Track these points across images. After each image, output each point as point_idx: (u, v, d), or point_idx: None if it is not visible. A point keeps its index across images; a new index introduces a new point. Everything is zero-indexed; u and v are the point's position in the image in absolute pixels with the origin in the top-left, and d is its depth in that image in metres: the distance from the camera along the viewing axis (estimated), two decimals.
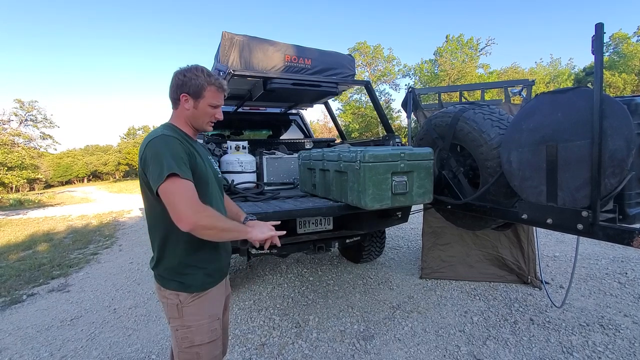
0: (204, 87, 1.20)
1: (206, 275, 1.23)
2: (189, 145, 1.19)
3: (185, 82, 1.19)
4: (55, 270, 4.37)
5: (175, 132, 1.19)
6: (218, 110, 1.27)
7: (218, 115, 1.27)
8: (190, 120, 1.25)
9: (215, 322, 1.24)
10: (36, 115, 21.71)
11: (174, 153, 1.09)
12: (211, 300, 1.24)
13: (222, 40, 2.73)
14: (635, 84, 23.19)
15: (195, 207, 1.06)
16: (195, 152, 1.21)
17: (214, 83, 1.21)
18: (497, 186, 1.98)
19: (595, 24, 1.43)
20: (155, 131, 1.18)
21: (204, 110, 1.23)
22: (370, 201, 1.89)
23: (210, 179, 1.25)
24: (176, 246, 1.18)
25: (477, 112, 2.12)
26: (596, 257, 3.70)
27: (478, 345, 2.23)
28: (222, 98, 1.27)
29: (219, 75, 1.27)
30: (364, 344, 2.30)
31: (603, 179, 1.43)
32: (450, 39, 25.34)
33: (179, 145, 1.12)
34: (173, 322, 1.22)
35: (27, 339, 2.61)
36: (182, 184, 1.06)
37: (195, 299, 1.20)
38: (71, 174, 54.25)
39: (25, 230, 7.72)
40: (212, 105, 1.23)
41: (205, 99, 1.21)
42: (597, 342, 2.19)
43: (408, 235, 5.15)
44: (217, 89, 1.23)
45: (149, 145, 1.11)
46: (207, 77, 1.20)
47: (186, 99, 1.21)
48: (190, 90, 1.20)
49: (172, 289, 1.20)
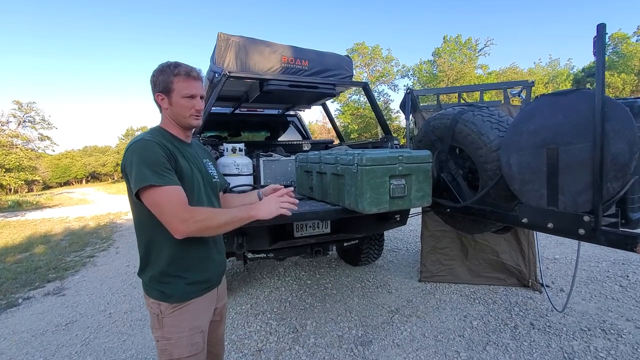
0: (171, 79, 1.15)
1: (188, 285, 1.16)
2: (174, 148, 1.14)
3: (155, 82, 1.17)
4: (52, 273, 4.34)
5: (159, 135, 1.15)
6: (195, 100, 1.19)
7: (197, 106, 1.19)
8: (173, 119, 1.20)
9: (196, 335, 1.17)
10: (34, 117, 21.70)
11: (153, 158, 1.04)
12: (194, 312, 1.18)
13: (218, 41, 2.70)
14: (634, 84, 23.21)
15: (182, 215, 1.02)
16: (180, 156, 1.15)
17: (179, 72, 1.15)
18: (496, 189, 1.94)
19: (597, 25, 1.39)
20: (137, 136, 1.13)
21: (178, 103, 1.17)
22: (368, 205, 1.86)
23: (196, 185, 1.19)
24: (159, 254, 1.13)
25: (476, 114, 2.09)
26: (597, 260, 3.67)
27: (478, 351, 2.19)
28: (196, 86, 1.18)
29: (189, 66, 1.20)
30: (362, 350, 2.27)
31: (605, 183, 1.40)
32: (448, 40, 25.34)
33: (158, 149, 1.07)
34: (154, 333, 1.17)
35: (22, 344, 2.58)
36: (164, 193, 1.02)
37: (175, 309, 1.14)
38: (69, 175, 54.23)
39: (22, 232, 7.68)
40: (186, 96, 1.16)
41: (175, 91, 1.16)
42: (599, 348, 2.15)
43: (407, 238, 5.12)
44: (185, 77, 1.16)
45: (128, 150, 1.07)
46: (172, 69, 1.15)
47: (162, 98, 1.17)
48: (161, 87, 1.16)
49: (154, 297, 1.15)
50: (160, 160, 1.05)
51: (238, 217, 1.14)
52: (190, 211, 1.05)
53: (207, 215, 1.08)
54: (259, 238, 2.33)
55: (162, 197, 1.02)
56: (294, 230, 2.50)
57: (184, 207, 1.04)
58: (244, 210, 1.16)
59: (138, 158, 1.04)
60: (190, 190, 1.14)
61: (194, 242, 1.15)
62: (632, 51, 23.35)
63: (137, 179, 1.01)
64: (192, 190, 1.16)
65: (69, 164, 54.55)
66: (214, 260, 1.26)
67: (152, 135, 1.13)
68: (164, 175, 1.04)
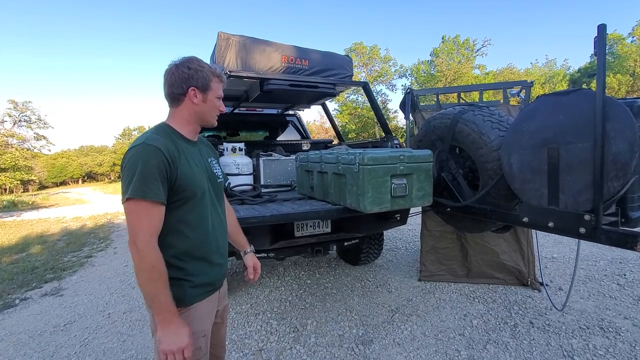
0: (211, 78, 1.14)
1: (192, 288, 1.12)
2: (177, 151, 1.09)
3: (191, 74, 1.11)
4: (49, 273, 4.30)
5: (164, 136, 1.09)
6: (222, 102, 1.21)
7: (222, 108, 1.21)
8: (198, 116, 1.17)
9: (200, 339, 1.14)
10: (30, 116, 21.60)
11: (155, 169, 0.99)
12: (197, 315, 1.14)
13: (218, 40, 2.70)
14: (629, 84, 23.38)
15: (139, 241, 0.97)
16: (184, 159, 1.09)
17: (217, 74, 1.17)
18: (497, 189, 1.96)
19: (597, 25, 1.41)
20: (141, 137, 1.08)
21: (212, 103, 1.16)
22: (370, 204, 1.86)
23: (200, 190, 1.13)
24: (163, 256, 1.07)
25: (477, 114, 2.10)
26: (594, 259, 3.70)
27: (478, 350, 2.20)
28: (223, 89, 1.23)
29: None
30: (362, 349, 2.27)
31: (606, 182, 1.41)
32: (447, 40, 25.42)
33: (155, 158, 1.00)
34: (155, 336, 1.10)
35: (19, 345, 2.56)
36: (145, 209, 0.98)
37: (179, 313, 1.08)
38: (66, 175, 53.85)
39: (18, 232, 7.62)
40: (219, 97, 1.19)
41: (212, 91, 1.15)
42: (597, 346, 2.17)
43: (406, 237, 5.13)
44: (220, 80, 1.18)
45: (127, 153, 1.03)
46: (210, 69, 1.15)
47: (194, 93, 1.12)
48: (199, 83, 1.12)
49: None
50: (153, 170, 0.99)
51: (157, 304, 0.99)
52: (147, 245, 0.98)
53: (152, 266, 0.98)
54: (260, 237, 2.33)
55: (135, 211, 0.98)
56: (295, 230, 2.50)
57: (145, 235, 0.98)
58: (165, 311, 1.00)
59: (135, 166, 0.99)
60: (191, 195, 1.10)
61: (198, 244, 1.13)
62: (627, 52, 23.49)
63: (124, 189, 0.99)
64: (193, 195, 1.11)
65: (65, 163, 54.16)
66: (218, 264, 1.23)
67: (156, 137, 1.06)
68: (152, 189, 0.98)
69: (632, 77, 23.50)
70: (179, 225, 1.09)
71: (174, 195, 1.06)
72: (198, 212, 1.13)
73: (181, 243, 1.09)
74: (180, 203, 1.08)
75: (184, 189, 1.08)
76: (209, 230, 1.17)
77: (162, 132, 1.12)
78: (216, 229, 1.22)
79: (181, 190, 1.07)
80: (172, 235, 1.07)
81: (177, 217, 1.08)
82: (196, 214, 1.12)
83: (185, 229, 1.10)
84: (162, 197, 1.01)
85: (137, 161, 0.99)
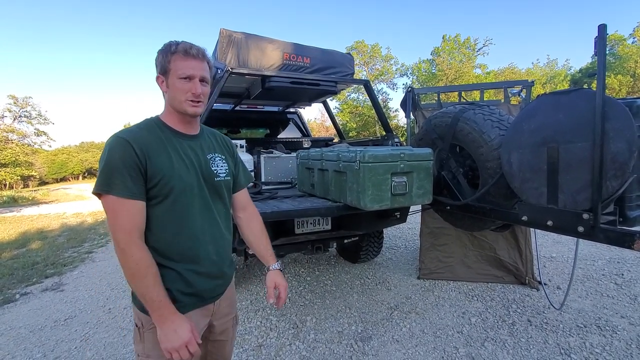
0: (168, 59, 1.00)
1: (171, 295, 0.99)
2: (158, 143, 1.00)
3: (157, 61, 1.03)
4: (49, 269, 4.32)
5: (144, 129, 1.01)
6: (193, 83, 1.01)
7: (194, 90, 1.01)
8: (170, 104, 1.05)
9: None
10: (30, 112, 21.58)
11: (114, 164, 0.92)
12: None
13: (220, 37, 2.70)
14: (630, 85, 23.36)
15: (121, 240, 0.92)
16: (163, 153, 0.99)
17: (177, 50, 1.00)
18: (497, 187, 1.97)
19: (598, 25, 1.41)
20: (119, 130, 1.03)
21: (173, 85, 1.01)
22: (370, 202, 1.87)
23: (179, 185, 1.00)
24: None
25: (478, 113, 2.11)
26: (593, 258, 3.72)
27: (476, 347, 2.22)
28: (195, 66, 1.01)
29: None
30: (361, 345, 2.29)
31: (604, 182, 1.42)
32: (447, 39, 25.38)
33: (124, 152, 0.93)
34: (135, 346, 1.04)
35: (19, 340, 2.57)
36: (118, 205, 0.92)
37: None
38: (66, 171, 53.83)
39: (18, 227, 7.63)
40: (181, 77, 0.99)
41: (172, 71, 1.00)
42: (594, 344, 2.19)
43: (405, 235, 5.15)
44: (183, 55, 0.99)
45: (104, 146, 0.97)
46: (172, 47, 1.00)
47: (162, 81, 1.04)
48: (160, 68, 1.02)
49: (136, 306, 1.03)
50: (128, 162, 0.92)
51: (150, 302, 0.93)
52: (128, 243, 0.92)
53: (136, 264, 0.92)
54: None
55: (109, 208, 0.93)
56: (295, 227, 2.51)
57: (124, 233, 0.92)
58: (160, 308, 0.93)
59: (102, 160, 0.94)
60: (168, 191, 0.99)
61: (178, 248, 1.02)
62: (628, 53, 23.48)
63: (96, 183, 0.93)
64: (170, 190, 0.99)
65: (66, 159, 54.14)
66: (207, 273, 1.08)
67: (132, 130, 1.01)
68: (124, 183, 0.92)
69: (633, 78, 23.48)
70: (156, 224, 0.99)
71: (150, 191, 0.97)
72: (178, 210, 1.01)
73: (160, 244, 1.00)
74: (159, 200, 0.99)
75: (159, 184, 0.97)
76: (194, 232, 1.04)
77: (145, 124, 1.04)
78: (207, 233, 1.07)
79: (155, 186, 0.97)
80: (151, 235, 0.99)
81: (155, 216, 0.99)
82: (176, 213, 1.01)
83: (161, 229, 1.00)
84: (129, 192, 0.92)
85: (104, 155, 0.94)
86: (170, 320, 0.94)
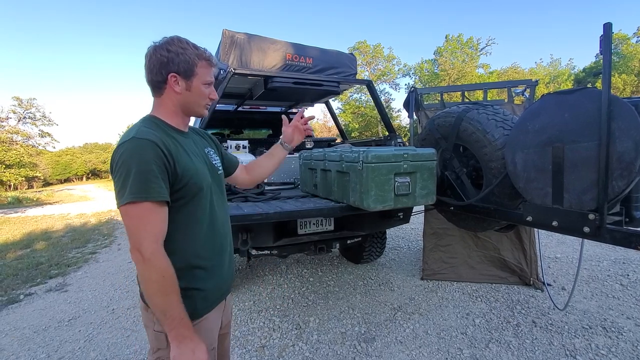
0: (195, 62, 0.97)
1: (204, 298, 1.00)
2: (173, 143, 0.95)
3: (171, 58, 0.94)
4: (53, 269, 4.34)
5: (155, 129, 0.94)
6: (212, 88, 1.05)
7: (213, 95, 1.05)
8: (183, 106, 1.01)
9: (210, 352, 1.02)
10: (35, 113, 21.70)
11: (152, 165, 0.86)
12: (207, 328, 1.02)
13: (223, 38, 2.71)
14: (635, 84, 23.20)
15: (144, 249, 0.84)
16: (182, 152, 0.96)
17: (205, 56, 1.00)
18: (501, 187, 1.95)
19: (603, 24, 1.40)
20: (129, 131, 0.93)
21: (198, 90, 1.00)
22: (373, 202, 1.87)
23: (205, 182, 1.00)
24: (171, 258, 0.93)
25: (481, 113, 2.09)
26: (598, 259, 3.68)
27: (480, 348, 2.21)
28: (213, 73, 1.05)
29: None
30: (365, 346, 2.28)
31: (610, 182, 1.41)
32: (450, 39, 25.33)
33: (151, 153, 0.87)
34: (157, 354, 0.98)
35: (24, 340, 2.58)
36: (149, 212, 0.85)
37: None
38: (70, 172, 54.23)
39: (23, 228, 7.68)
40: (206, 83, 1.01)
41: (198, 76, 0.99)
42: (600, 345, 2.17)
43: (408, 236, 5.13)
44: (208, 63, 1.01)
45: (117, 151, 0.88)
46: (196, 50, 0.98)
47: (176, 80, 0.96)
48: (180, 68, 0.96)
49: None
50: (151, 166, 0.86)
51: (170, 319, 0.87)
52: (155, 253, 0.85)
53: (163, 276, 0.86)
54: (263, 234, 2.34)
55: (137, 215, 0.85)
56: (298, 228, 2.51)
57: (151, 242, 0.85)
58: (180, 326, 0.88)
59: (128, 164, 0.85)
60: (197, 190, 0.98)
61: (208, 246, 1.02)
62: (632, 52, 23.33)
63: (120, 192, 0.85)
64: (199, 190, 0.98)
65: (70, 160, 54.56)
66: (228, 266, 1.11)
67: (147, 130, 0.92)
68: (154, 187, 0.86)
69: (637, 77, 23.32)
70: (186, 225, 0.96)
71: (177, 193, 0.93)
72: (204, 209, 1.01)
73: (189, 246, 0.97)
74: (186, 201, 0.96)
75: (188, 184, 0.94)
76: (217, 228, 1.05)
77: (152, 124, 0.97)
78: (225, 226, 1.11)
79: (185, 186, 0.94)
80: (178, 238, 0.94)
81: (184, 217, 0.96)
82: (203, 211, 1.00)
83: (192, 230, 0.98)
84: (167, 196, 0.89)
85: (131, 158, 0.85)
86: (189, 338, 0.89)
